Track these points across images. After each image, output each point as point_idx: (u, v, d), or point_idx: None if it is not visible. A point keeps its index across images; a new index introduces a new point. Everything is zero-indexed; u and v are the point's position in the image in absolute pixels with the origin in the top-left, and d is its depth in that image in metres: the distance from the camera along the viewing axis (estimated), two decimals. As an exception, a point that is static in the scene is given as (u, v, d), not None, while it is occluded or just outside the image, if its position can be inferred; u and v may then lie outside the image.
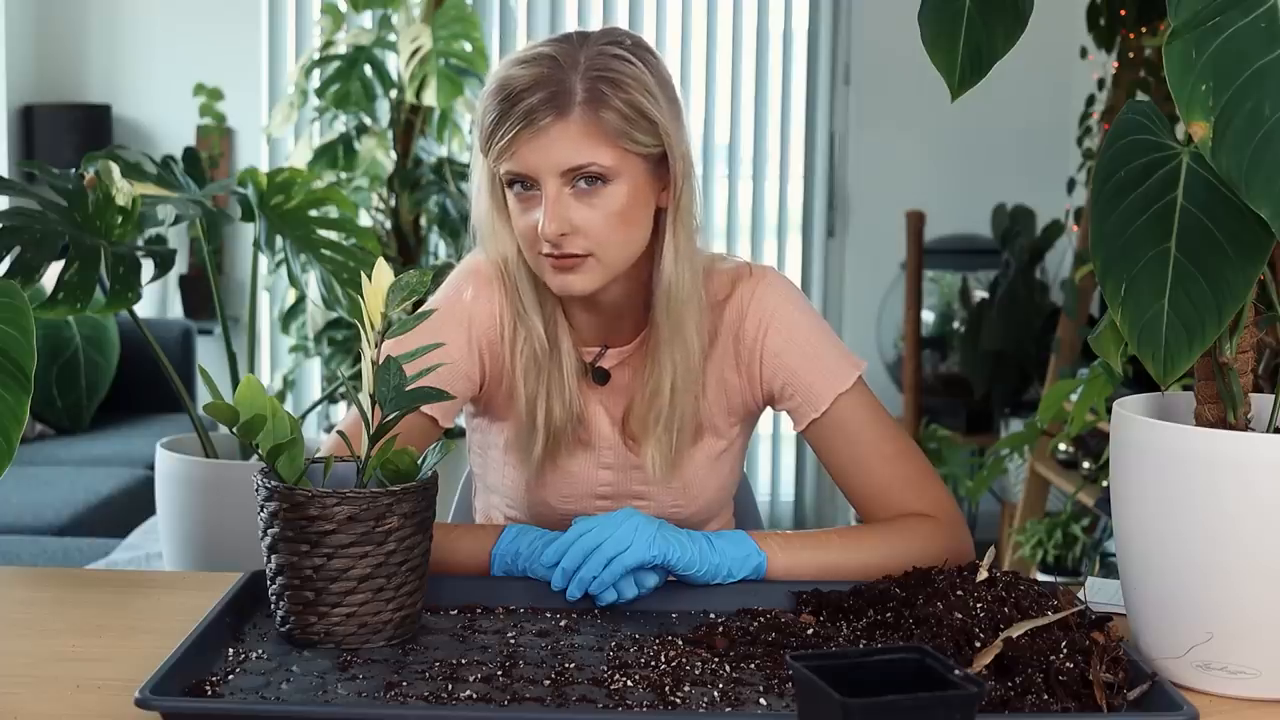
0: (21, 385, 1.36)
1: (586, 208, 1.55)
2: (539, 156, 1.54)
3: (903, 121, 5.06)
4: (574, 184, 1.55)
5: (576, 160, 1.54)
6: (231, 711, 1.23)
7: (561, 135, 1.53)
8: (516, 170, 1.56)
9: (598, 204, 1.55)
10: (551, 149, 1.54)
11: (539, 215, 1.55)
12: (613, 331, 1.70)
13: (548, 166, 1.54)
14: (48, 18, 5.03)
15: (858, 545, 1.60)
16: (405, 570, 1.39)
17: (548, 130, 1.53)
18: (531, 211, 1.57)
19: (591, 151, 1.54)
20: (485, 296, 1.68)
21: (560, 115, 1.53)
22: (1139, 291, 1.28)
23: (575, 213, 1.55)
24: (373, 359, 1.39)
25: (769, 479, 5.36)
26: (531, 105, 1.53)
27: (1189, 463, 1.29)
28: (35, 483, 3.74)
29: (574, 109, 1.53)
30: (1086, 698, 1.23)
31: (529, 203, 1.57)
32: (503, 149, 1.55)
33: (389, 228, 4.44)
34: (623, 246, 1.59)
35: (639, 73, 1.57)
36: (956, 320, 4.87)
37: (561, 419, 1.66)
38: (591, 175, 1.55)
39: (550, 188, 1.55)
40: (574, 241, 1.55)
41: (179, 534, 1.88)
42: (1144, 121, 1.33)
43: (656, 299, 1.63)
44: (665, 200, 1.62)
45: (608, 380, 1.70)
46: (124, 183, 1.93)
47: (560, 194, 1.55)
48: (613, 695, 1.26)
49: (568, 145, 1.53)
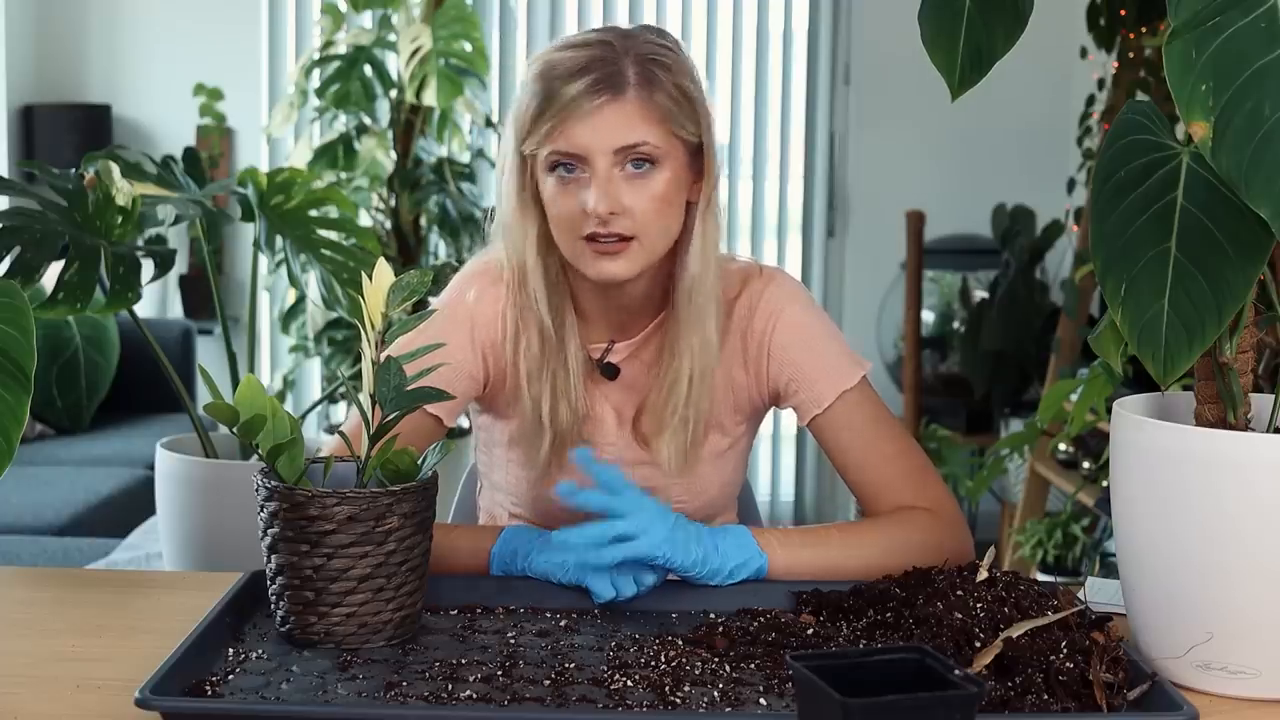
0: (21, 385, 1.36)
1: (634, 190, 1.57)
2: (592, 135, 1.55)
3: (903, 121, 5.06)
4: (623, 165, 1.57)
5: (631, 139, 1.55)
6: (231, 711, 1.23)
7: (616, 114, 1.55)
8: (566, 150, 1.56)
9: (644, 187, 1.57)
10: (606, 128, 1.55)
11: (585, 197, 1.56)
12: (625, 325, 1.70)
13: (601, 145, 1.55)
14: (48, 18, 5.03)
15: (858, 541, 1.61)
16: (405, 570, 1.39)
17: (602, 109, 1.55)
18: (575, 194, 1.57)
19: (646, 131, 1.56)
20: (489, 298, 1.69)
21: (616, 95, 1.55)
22: (1139, 291, 1.28)
23: (624, 194, 1.56)
24: (373, 359, 1.39)
25: (769, 479, 5.36)
26: (585, 85, 1.55)
27: (1189, 463, 1.29)
28: (35, 483, 3.74)
29: (628, 89, 1.56)
30: (1086, 698, 1.23)
31: (572, 185, 1.58)
32: (552, 130, 1.56)
33: (389, 228, 4.44)
34: (663, 232, 1.60)
35: (684, 62, 1.61)
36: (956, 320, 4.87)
37: (567, 419, 1.66)
38: (641, 157, 1.57)
39: (601, 167, 1.56)
40: (620, 222, 1.57)
41: (179, 534, 1.88)
42: (1144, 121, 1.33)
43: (679, 291, 1.65)
44: (695, 194, 1.64)
45: (617, 375, 1.71)
46: (124, 183, 1.93)
47: (610, 173, 1.56)
48: (613, 695, 1.26)
49: (622, 124, 1.55)
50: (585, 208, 1.55)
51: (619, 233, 1.56)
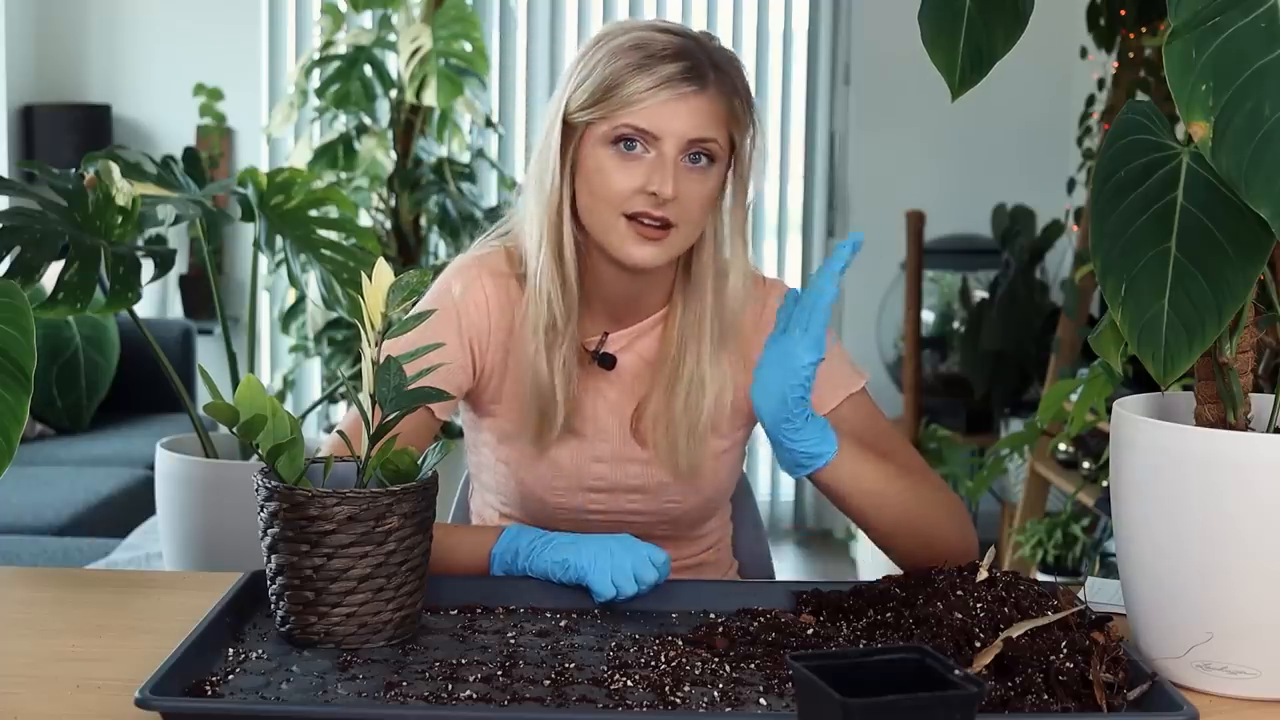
0: (21, 385, 1.36)
1: (691, 182, 1.60)
2: (672, 120, 1.58)
3: (903, 121, 5.06)
4: (685, 157, 1.59)
5: (706, 133, 1.59)
6: (231, 711, 1.23)
7: (700, 106, 1.59)
8: (642, 126, 1.58)
9: (700, 182, 1.61)
10: (687, 116, 1.58)
11: (643, 176, 1.58)
12: (622, 316, 1.72)
13: (677, 132, 1.58)
14: (48, 18, 5.03)
15: (903, 478, 1.62)
16: (405, 570, 1.39)
17: (688, 98, 1.58)
18: (633, 170, 1.59)
19: (717, 129, 1.60)
20: (475, 289, 1.70)
21: (702, 88, 1.59)
22: (1139, 291, 1.28)
23: (682, 183, 1.59)
24: (373, 359, 1.39)
25: (769, 479, 5.36)
26: (678, 70, 1.58)
27: (1189, 463, 1.29)
28: (35, 483, 3.74)
29: (711, 86, 1.60)
30: (1086, 698, 1.23)
31: (632, 162, 1.59)
32: (632, 103, 1.58)
33: (389, 228, 4.43)
34: (698, 228, 1.64)
35: (745, 72, 1.67)
36: (956, 320, 4.87)
37: (562, 388, 1.66)
38: (704, 152, 1.60)
39: (670, 151, 1.58)
40: (671, 208, 1.59)
41: (179, 534, 1.88)
42: (1144, 121, 1.33)
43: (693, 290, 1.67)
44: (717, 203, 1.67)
45: (614, 365, 1.71)
46: (124, 183, 1.93)
47: (677, 161, 1.59)
48: (613, 695, 1.26)
49: (702, 117, 1.59)
50: (645, 186, 1.58)
51: (666, 217, 1.59)
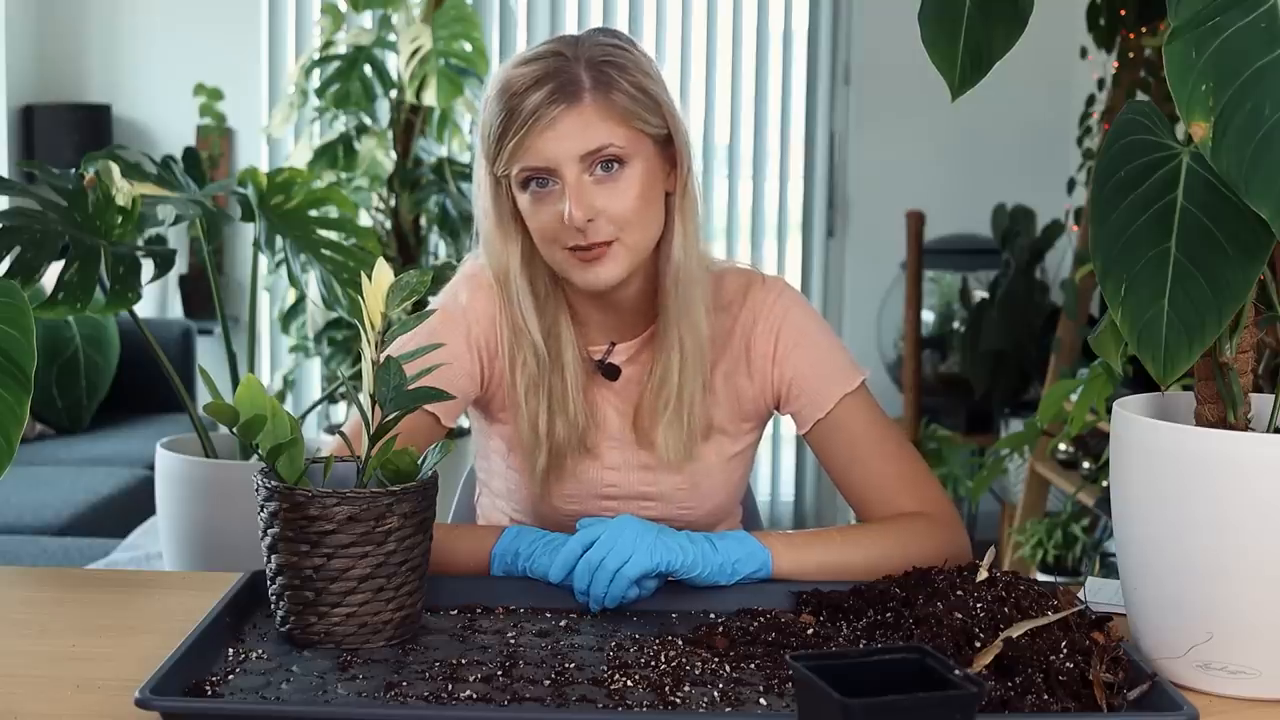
0: (21, 385, 1.36)
1: (607, 192, 1.57)
2: (556, 146, 1.56)
3: (903, 121, 5.06)
4: (592, 170, 1.57)
5: (595, 143, 1.56)
6: (231, 711, 1.23)
7: (576, 121, 1.56)
8: (534, 165, 1.57)
9: (617, 188, 1.58)
10: (569, 136, 1.56)
11: (561, 207, 1.57)
12: (623, 328, 1.71)
13: (566, 154, 1.56)
14: (48, 18, 5.03)
15: (858, 542, 1.61)
16: (405, 570, 1.39)
17: (561, 119, 1.56)
18: (551, 206, 1.58)
19: (608, 133, 1.57)
20: (483, 299, 1.70)
21: (573, 103, 1.56)
22: (1139, 291, 1.28)
23: (597, 198, 1.57)
24: (373, 359, 1.39)
25: (769, 479, 5.36)
26: (542, 98, 1.55)
27: (1189, 463, 1.29)
28: (35, 483, 3.74)
29: (584, 95, 1.57)
30: (1086, 698, 1.23)
31: (547, 199, 1.58)
32: (516, 147, 1.57)
33: (389, 228, 4.43)
34: (644, 228, 1.61)
35: (637, 58, 1.62)
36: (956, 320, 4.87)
37: (564, 433, 1.66)
38: (609, 159, 1.57)
39: (570, 175, 1.57)
40: (599, 228, 1.57)
41: (179, 534, 1.88)
42: (1144, 121, 1.33)
43: (664, 283, 1.65)
44: (672, 184, 1.65)
45: (618, 376, 1.71)
46: (124, 183, 1.93)
47: (581, 180, 1.57)
48: (613, 695, 1.26)
49: (584, 130, 1.56)
50: (563, 219, 1.56)
51: (598, 240, 1.57)
